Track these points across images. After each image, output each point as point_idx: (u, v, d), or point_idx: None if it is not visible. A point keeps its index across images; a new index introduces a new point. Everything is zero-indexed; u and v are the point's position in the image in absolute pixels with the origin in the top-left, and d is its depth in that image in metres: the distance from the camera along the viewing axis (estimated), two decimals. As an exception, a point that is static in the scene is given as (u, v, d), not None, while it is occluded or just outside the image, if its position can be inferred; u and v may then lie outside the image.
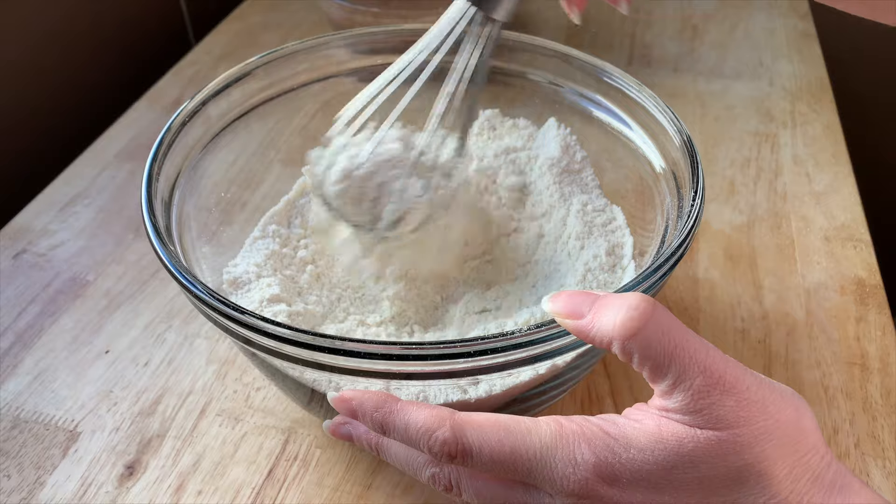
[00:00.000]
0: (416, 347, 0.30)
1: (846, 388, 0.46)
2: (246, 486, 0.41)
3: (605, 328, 0.27)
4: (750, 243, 0.56)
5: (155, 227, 0.36)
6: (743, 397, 0.26)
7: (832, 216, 0.59)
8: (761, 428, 0.26)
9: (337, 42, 0.50)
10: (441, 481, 0.29)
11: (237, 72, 0.46)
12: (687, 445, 0.26)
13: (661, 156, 0.43)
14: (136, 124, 0.68)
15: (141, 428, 0.44)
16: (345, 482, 0.41)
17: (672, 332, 0.26)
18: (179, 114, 0.43)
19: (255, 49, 0.76)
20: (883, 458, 0.42)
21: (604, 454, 0.26)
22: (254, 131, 0.49)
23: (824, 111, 0.70)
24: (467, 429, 0.28)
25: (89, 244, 0.56)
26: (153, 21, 0.83)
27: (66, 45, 0.72)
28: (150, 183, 0.38)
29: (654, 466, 0.26)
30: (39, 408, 0.45)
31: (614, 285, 0.44)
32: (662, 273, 0.33)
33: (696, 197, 0.37)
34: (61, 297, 0.52)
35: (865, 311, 0.51)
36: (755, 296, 0.52)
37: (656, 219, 0.43)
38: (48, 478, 0.41)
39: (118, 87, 0.77)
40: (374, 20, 0.69)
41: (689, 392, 0.26)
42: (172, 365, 0.48)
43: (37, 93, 0.69)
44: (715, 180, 0.62)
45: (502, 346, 0.30)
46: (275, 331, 0.31)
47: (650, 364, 0.27)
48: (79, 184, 0.62)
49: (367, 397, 0.30)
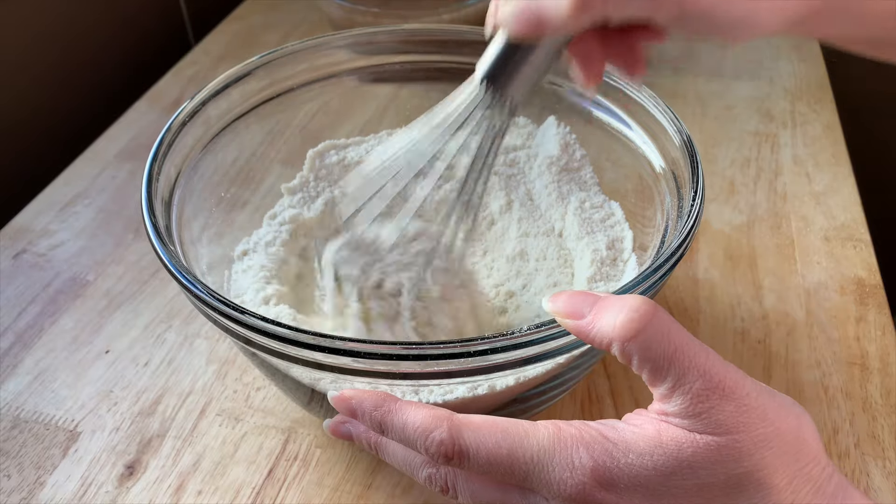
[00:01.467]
0: (416, 347, 0.30)
1: (846, 388, 0.46)
2: (246, 485, 0.41)
3: (605, 329, 0.27)
4: (750, 243, 0.56)
5: (155, 227, 0.36)
6: (742, 403, 0.26)
7: (832, 216, 0.59)
8: (761, 435, 0.26)
9: (337, 42, 0.50)
10: (437, 482, 0.29)
11: (237, 72, 0.46)
12: (686, 450, 0.26)
13: (661, 156, 0.43)
14: (136, 124, 0.68)
15: (141, 428, 0.44)
16: (345, 482, 0.41)
17: (672, 334, 0.26)
18: (179, 114, 0.43)
19: (255, 49, 0.76)
20: (883, 458, 0.42)
21: (602, 458, 0.26)
22: (254, 131, 0.49)
23: (824, 111, 0.70)
24: (464, 430, 0.28)
25: (89, 244, 0.56)
26: (153, 21, 0.83)
27: (66, 45, 0.72)
28: (150, 183, 0.38)
29: (652, 472, 0.26)
30: (39, 408, 0.45)
31: (616, 278, 0.44)
32: (662, 273, 0.33)
33: (696, 197, 0.37)
34: (61, 297, 0.52)
35: (865, 311, 0.51)
36: (755, 296, 0.52)
37: (656, 218, 0.43)
38: (48, 478, 0.41)
39: (118, 87, 0.77)
40: (374, 20, 0.69)
41: (689, 395, 0.26)
42: (172, 365, 0.48)
43: (37, 93, 0.69)
44: (715, 180, 0.62)
45: (502, 346, 0.30)
46: (275, 331, 0.31)
47: (649, 366, 0.26)
48: (79, 184, 0.62)
49: (367, 397, 0.30)
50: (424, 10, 0.70)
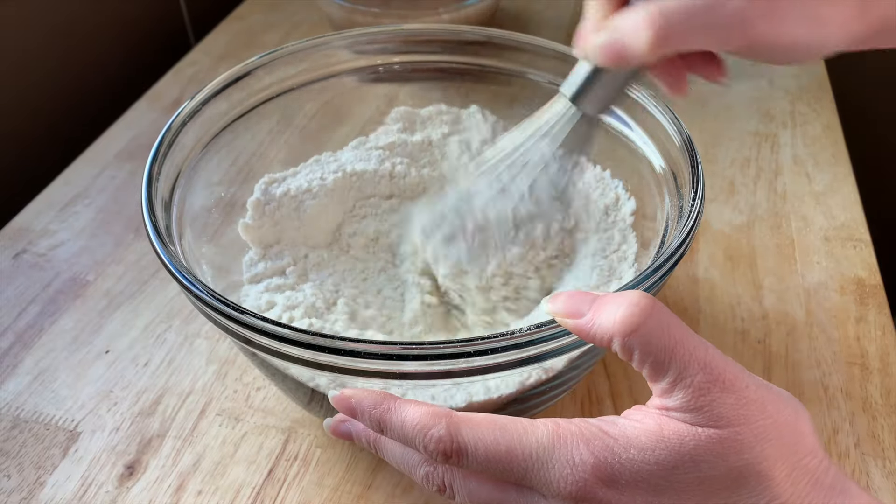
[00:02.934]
0: (416, 347, 0.30)
1: (846, 388, 0.46)
2: (246, 485, 0.41)
3: (605, 325, 0.27)
4: (750, 243, 0.56)
5: (155, 227, 0.36)
6: (742, 395, 0.26)
7: (832, 216, 0.59)
8: (761, 427, 0.26)
9: (337, 42, 0.50)
10: (434, 481, 0.29)
11: (237, 72, 0.46)
12: (688, 444, 0.26)
13: (661, 156, 0.43)
14: (136, 124, 0.68)
15: (141, 428, 0.44)
16: (345, 482, 0.41)
17: (672, 328, 0.26)
18: (179, 114, 0.43)
19: (255, 49, 0.76)
20: (883, 458, 0.42)
21: (603, 454, 0.26)
22: (254, 131, 0.49)
23: (824, 111, 0.70)
24: (463, 427, 0.28)
25: (89, 244, 0.56)
26: (153, 21, 0.83)
27: (67, 45, 0.72)
28: (150, 183, 0.38)
29: (654, 467, 0.26)
30: (39, 408, 0.45)
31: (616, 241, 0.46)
32: (662, 273, 0.33)
33: (696, 197, 0.37)
34: (61, 297, 0.52)
35: (865, 311, 0.51)
36: (755, 296, 0.52)
37: (656, 219, 0.43)
38: (48, 478, 0.41)
39: (118, 87, 0.77)
40: (374, 20, 0.69)
41: (690, 389, 0.26)
42: (172, 365, 0.48)
43: (37, 93, 0.69)
44: (715, 180, 0.62)
45: (502, 346, 0.30)
46: (275, 331, 0.31)
47: (651, 360, 0.26)
48: (79, 184, 0.62)
49: (366, 395, 0.30)
50: (424, 10, 0.70)
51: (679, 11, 0.29)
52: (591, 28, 0.33)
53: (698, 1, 0.29)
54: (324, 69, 0.50)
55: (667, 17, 0.29)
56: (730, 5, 0.29)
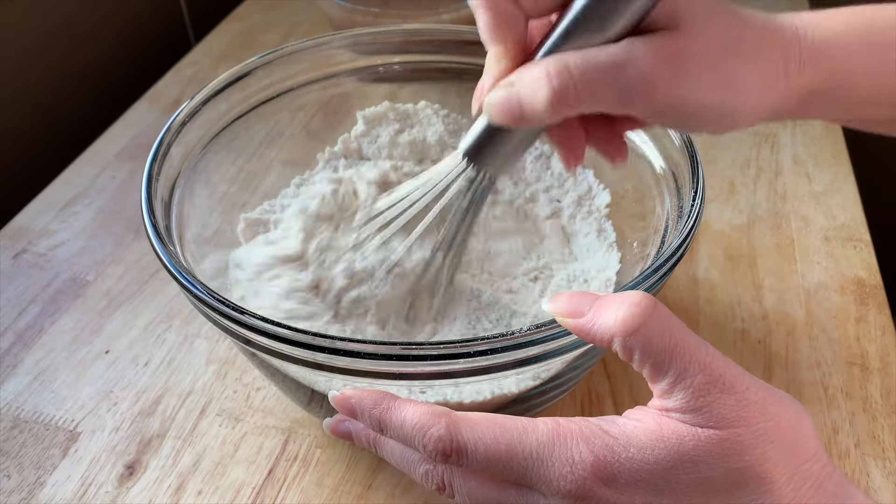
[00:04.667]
0: (416, 347, 0.30)
1: (846, 388, 0.46)
2: (246, 486, 0.41)
3: (606, 325, 0.27)
4: (750, 243, 0.56)
5: (155, 227, 0.36)
6: (743, 397, 0.26)
7: (832, 216, 0.59)
8: (762, 429, 0.26)
9: (337, 42, 0.50)
10: (434, 480, 0.29)
11: (237, 72, 0.46)
12: (688, 444, 0.26)
13: (661, 156, 0.43)
14: (136, 124, 0.68)
15: (141, 428, 0.44)
16: (345, 482, 0.41)
17: (673, 329, 0.26)
18: (179, 114, 0.43)
19: (255, 49, 0.76)
20: (883, 459, 0.42)
21: (602, 453, 0.26)
22: (254, 131, 0.49)
23: (824, 111, 0.70)
24: (462, 426, 0.28)
25: (89, 244, 0.56)
26: (153, 21, 0.83)
27: (67, 45, 0.72)
28: (150, 183, 0.38)
29: (653, 466, 0.26)
30: (39, 408, 0.45)
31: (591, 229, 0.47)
32: (662, 273, 0.33)
33: (696, 197, 0.37)
34: (61, 297, 0.52)
35: (865, 311, 0.51)
36: (755, 296, 0.52)
37: (656, 218, 0.43)
38: (48, 478, 0.41)
39: (118, 87, 0.77)
40: (374, 20, 0.69)
41: (690, 390, 0.26)
42: (172, 365, 0.48)
43: (37, 93, 0.69)
44: (715, 180, 0.62)
45: (502, 346, 0.30)
46: (275, 331, 0.31)
47: (651, 361, 0.26)
48: (79, 184, 0.62)
49: (366, 395, 0.30)
50: (424, 10, 0.70)
51: (581, 68, 0.28)
52: (489, 82, 0.32)
53: (603, 59, 0.28)
54: (324, 69, 0.50)
55: (569, 73, 0.28)
56: (636, 65, 0.28)
